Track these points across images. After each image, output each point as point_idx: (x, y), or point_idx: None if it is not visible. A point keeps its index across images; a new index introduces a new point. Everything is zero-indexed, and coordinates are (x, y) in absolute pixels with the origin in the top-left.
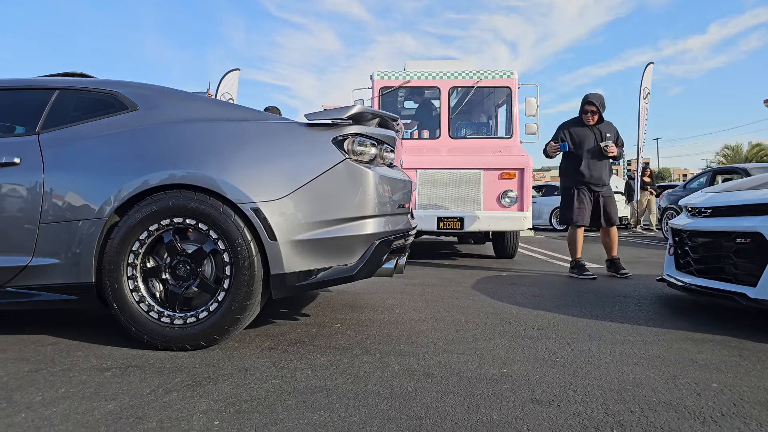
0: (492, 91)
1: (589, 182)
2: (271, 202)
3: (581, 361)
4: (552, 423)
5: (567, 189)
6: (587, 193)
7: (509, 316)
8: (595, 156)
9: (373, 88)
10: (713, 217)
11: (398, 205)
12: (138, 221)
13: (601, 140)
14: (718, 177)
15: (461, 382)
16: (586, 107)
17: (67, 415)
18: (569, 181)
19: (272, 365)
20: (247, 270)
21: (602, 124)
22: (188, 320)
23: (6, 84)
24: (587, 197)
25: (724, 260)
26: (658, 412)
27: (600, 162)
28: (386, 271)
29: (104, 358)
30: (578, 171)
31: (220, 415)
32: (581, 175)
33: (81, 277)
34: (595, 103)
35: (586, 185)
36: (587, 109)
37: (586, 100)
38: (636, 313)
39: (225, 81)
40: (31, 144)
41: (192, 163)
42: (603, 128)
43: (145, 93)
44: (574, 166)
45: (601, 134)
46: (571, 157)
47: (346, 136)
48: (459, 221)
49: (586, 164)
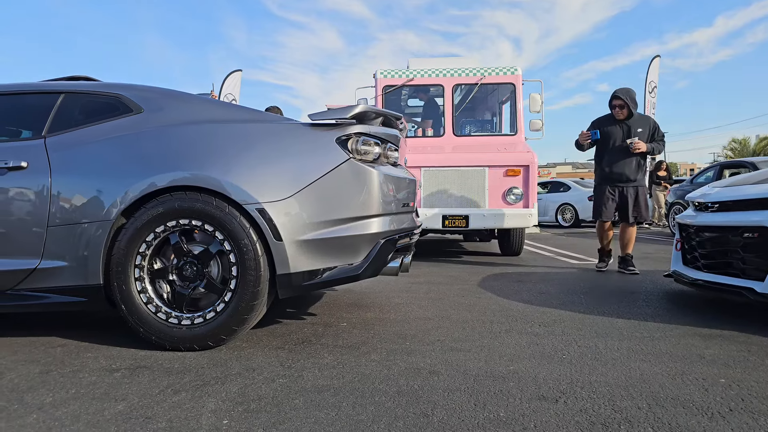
0: (496, 88)
1: (611, 178)
2: (276, 202)
3: (588, 357)
4: (559, 420)
5: (595, 185)
6: (611, 189)
7: (515, 314)
8: (620, 152)
9: (377, 86)
10: (720, 212)
11: (403, 204)
12: (144, 223)
13: (629, 136)
14: (726, 171)
15: (468, 379)
16: (613, 102)
17: (78, 416)
18: (595, 177)
19: (279, 364)
20: (254, 270)
21: (633, 119)
22: (196, 321)
23: (12, 88)
24: (610, 193)
25: (731, 255)
26: (665, 407)
27: (626, 158)
28: (391, 269)
29: (113, 359)
30: (601, 167)
31: (228, 414)
32: (603, 171)
33: (89, 279)
34: (621, 97)
35: (609, 181)
36: (614, 104)
37: (613, 95)
38: (643, 309)
39: (228, 82)
40: (38, 148)
41: (197, 165)
42: (634, 123)
43: (149, 96)
44: (599, 162)
45: (630, 129)
46: (598, 153)
47: (349, 136)
48: (464, 219)
49: (608, 160)
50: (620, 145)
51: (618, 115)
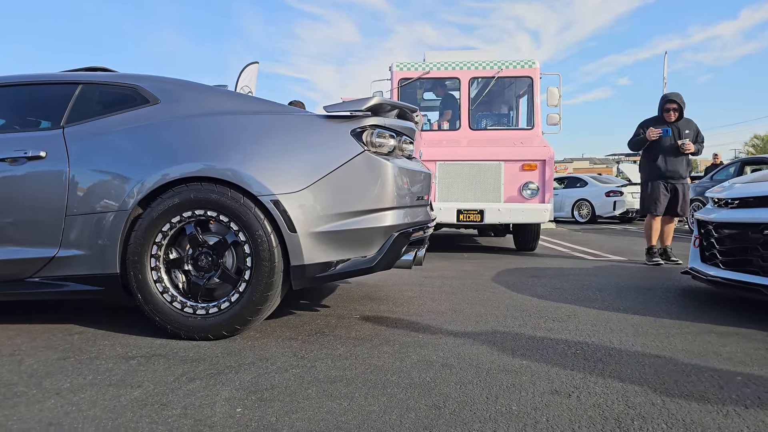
0: (513, 81)
1: (665, 176)
2: (291, 194)
3: (602, 353)
4: (572, 414)
5: (645, 182)
6: (664, 185)
7: (529, 309)
8: (672, 152)
9: (393, 79)
10: (740, 209)
11: (417, 197)
12: (160, 213)
13: (679, 137)
14: (747, 168)
15: (480, 373)
16: (667, 105)
17: (95, 401)
18: (647, 174)
19: (293, 355)
20: (268, 261)
21: (681, 121)
22: (210, 310)
23: (31, 79)
24: (665, 189)
25: (751, 252)
26: (680, 404)
27: (677, 157)
28: (405, 262)
29: (129, 347)
30: (656, 165)
31: (242, 402)
32: (658, 169)
33: (106, 268)
34: (676, 101)
35: (663, 178)
36: (668, 107)
37: (667, 99)
38: (659, 306)
39: (244, 74)
40: (56, 138)
41: (212, 156)
42: (682, 125)
43: (166, 87)
44: (652, 160)
45: (680, 131)
46: (650, 151)
47: (364, 128)
48: (479, 213)
49: (663, 159)
50: (671, 145)
51: (669, 118)
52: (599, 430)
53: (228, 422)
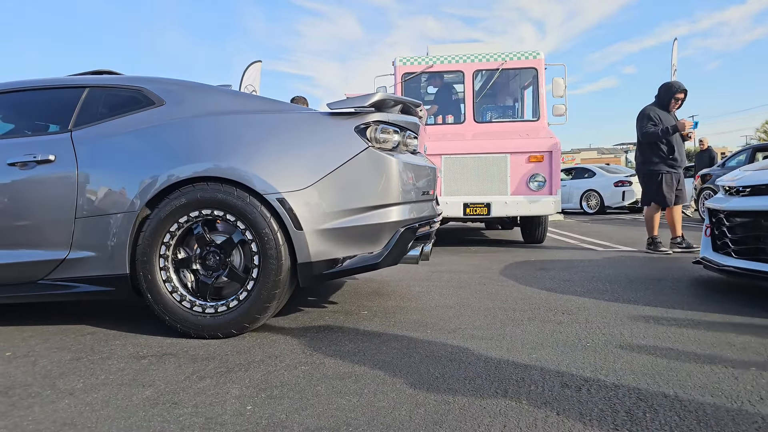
0: (517, 73)
1: (675, 166)
2: (297, 192)
3: (612, 345)
4: (582, 407)
5: (657, 172)
6: (675, 175)
7: (538, 302)
8: (678, 140)
9: (396, 74)
10: (752, 196)
11: (423, 192)
12: (168, 214)
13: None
14: (759, 154)
15: (489, 367)
16: (678, 95)
17: (107, 401)
18: (660, 165)
19: (301, 352)
20: (275, 259)
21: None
22: (219, 309)
23: (38, 84)
24: (675, 179)
25: (764, 240)
26: (692, 396)
27: (682, 146)
28: (412, 258)
29: (140, 347)
30: (666, 155)
31: (252, 400)
32: (675, 160)
33: (116, 269)
34: (687, 90)
35: (674, 168)
36: (678, 97)
37: (679, 89)
38: (670, 297)
39: (247, 73)
40: (65, 141)
41: (218, 156)
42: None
43: (171, 88)
44: (666, 150)
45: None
46: (665, 143)
47: (368, 124)
48: (486, 207)
49: (678, 149)
50: (679, 135)
51: (675, 107)
52: (610, 424)
53: (238, 420)
